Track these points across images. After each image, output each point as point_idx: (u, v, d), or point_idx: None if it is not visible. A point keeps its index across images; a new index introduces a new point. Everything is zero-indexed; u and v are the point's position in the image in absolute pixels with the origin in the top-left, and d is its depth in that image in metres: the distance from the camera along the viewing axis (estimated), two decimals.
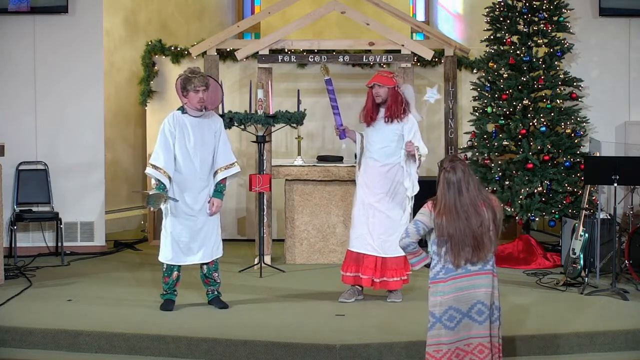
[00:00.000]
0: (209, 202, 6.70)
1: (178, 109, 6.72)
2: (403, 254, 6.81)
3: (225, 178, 6.74)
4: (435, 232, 4.85)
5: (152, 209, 6.86)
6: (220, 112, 7.85)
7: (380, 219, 6.91)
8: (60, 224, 8.92)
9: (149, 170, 6.61)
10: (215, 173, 6.74)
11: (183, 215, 6.65)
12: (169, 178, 6.56)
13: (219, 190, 6.75)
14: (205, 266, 6.79)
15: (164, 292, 6.78)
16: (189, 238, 6.67)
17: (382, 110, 6.92)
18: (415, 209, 5.12)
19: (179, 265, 6.74)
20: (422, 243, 4.97)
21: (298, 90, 8.34)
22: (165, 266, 6.73)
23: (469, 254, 4.80)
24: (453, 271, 4.86)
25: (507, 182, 8.52)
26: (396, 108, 6.86)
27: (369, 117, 6.95)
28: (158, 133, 6.67)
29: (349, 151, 9.23)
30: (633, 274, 7.54)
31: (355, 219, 7.01)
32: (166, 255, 6.69)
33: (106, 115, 9.61)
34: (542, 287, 7.58)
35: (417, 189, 6.98)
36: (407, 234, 4.90)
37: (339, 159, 8.89)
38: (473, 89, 8.98)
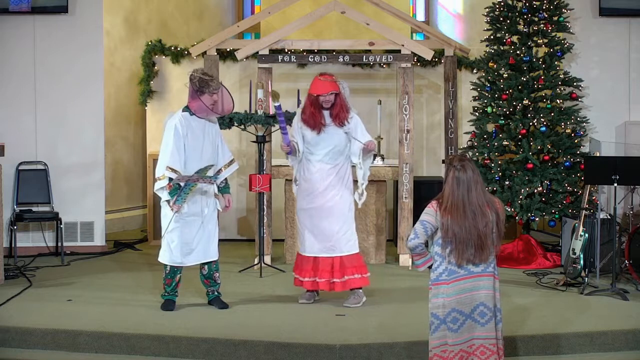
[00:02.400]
0: (217, 197, 6.75)
1: (184, 110, 6.67)
2: (357, 251, 6.89)
3: None
4: (440, 231, 4.85)
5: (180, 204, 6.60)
6: None
7: (334, 218, 6.86)
8: (60, 224, 8.92)
9: (168, 173, 6.46)
10: (219, 171, 6.75)
11: (191, 217, 6.64)
12: None
13: (227, 186, 6.84)
14: (206, 266, 6.78)
15: (166, 293, 6.77)
16: (197, 238, 6.66)
17: (326, 112, 6.86)
18: (419, 210, 5.11)
19: (182, 268, 6.73)
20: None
21: (298, 90, 8.34)
22: (168, 268, 6.70)
23: (472, 254, 4.80)
24: (455, 273, 4.85)
25: (507, 182, 8.52)
26: (344, 112, 6.84)
27: (320, 123, 6.83)
28: (164, 133, 6.59)
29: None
30: (633, 274, 7.54)
31: (307, 222, 6.91)
32: (173, 257, 6.66)
33: (106, 115, 9.62)
34: (542, 287, 7.58)
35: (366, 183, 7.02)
36: (415, 235, 4.87)
37: None
38: (473, 89, 8.98)
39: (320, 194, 6.87)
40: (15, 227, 8.83)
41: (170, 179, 6.47)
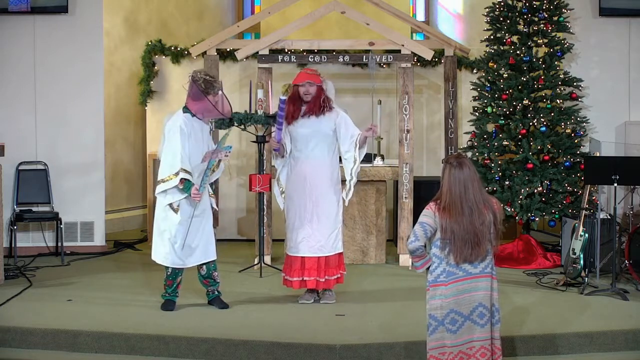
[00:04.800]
0: (211, 197, 6.78)
1: (184, 112, 6.63)
2: (341, 251, 6.89)
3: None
4: (439, 232, 4.84)
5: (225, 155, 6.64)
6: None
7: (323, 218, 6.88)
8: (60, 224, 8.92)
9: (183, 175, 6.41)
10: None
11: (195, 218, 6.61)
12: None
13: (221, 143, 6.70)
14: (204, 267, 6.78)
15: (166, 294, 6.77)
16: (197, 239, 6.66)
17: (304, 108, 6.88)
18: (419, 210, 5.12)
19: (183, 269, 6.73)
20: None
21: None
22: (170, 270, 6.69)
23: (469, 252, 4.80)
24: (454, 274, 4.85)
25: (507, 182, 8.52)
26: (323, 102, 6.85)
27: (292, 114, 6.88)
28: (167, 134, 6.53)
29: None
30: (633, 274, 7.54)
31: (296, 222, 6.91)
32: (175, 259, 6.64)
33: (106, 115, 9.62)
34: (542, 287, 7.58)
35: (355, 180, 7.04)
36: (416, 237, 4.86)
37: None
38: (473, 89, 8.98)
39: (308, 192, 6.89)
40: (15, 227, 8.83)
41: (184, 179, 6.46)
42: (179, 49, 10.05)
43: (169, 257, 6.65)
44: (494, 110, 8.70)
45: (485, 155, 8.64)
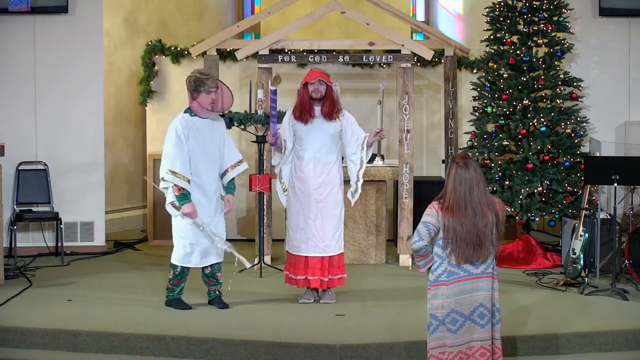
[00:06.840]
0: (223, 199, 6.75)
1: (185, 112, 6.66)
2: (343, 250, 6.91)
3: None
4: (441, 232, 4.84)
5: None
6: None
7: (327, 219, 6.90)
8: (60, 224, 8.92)
9: (168, 177, 6.47)
10: (225, 172, 6.74)
11: (202, 218, 6.63)
12: (188, 181, 6.54)
13: (232, 187, 6.82)
14: (209, 266, 6.78)
15: (174, 294, 6.76)
16: (204, 240, 6.67)
17: (317, 108, 6.90)
18: (419, 210, 5.12)
19: (190, 269, 6.73)
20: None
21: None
22: (179, 270, 6.69)
23: (470, 253, 4.80)
24: (455, 274, 4.85)
25: (507, 182, 8.52)
26: (336, 104, 6.90)
27: (308, 114, 6.87)
28: (166, 137, 6.56)
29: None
30: (633, 274, 7.54)
31: (300, 221, 6.93)
32: (191, 260, 6.66)
33: (106, 115, 9.62)
34: (542, 287, 7.58)
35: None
36: (420, 237, 4.85)
37: None
38: (473, 89, 8.98)
39: (312, 192, 6.90)
40: (15, 227, 8.82)
41: (183, 190, 6.49)
42: (179, 49, 10.05)
43: (180, 256, 6.67)
44: (494, 110, 8.70)
45: (485, 155, 8.64)
